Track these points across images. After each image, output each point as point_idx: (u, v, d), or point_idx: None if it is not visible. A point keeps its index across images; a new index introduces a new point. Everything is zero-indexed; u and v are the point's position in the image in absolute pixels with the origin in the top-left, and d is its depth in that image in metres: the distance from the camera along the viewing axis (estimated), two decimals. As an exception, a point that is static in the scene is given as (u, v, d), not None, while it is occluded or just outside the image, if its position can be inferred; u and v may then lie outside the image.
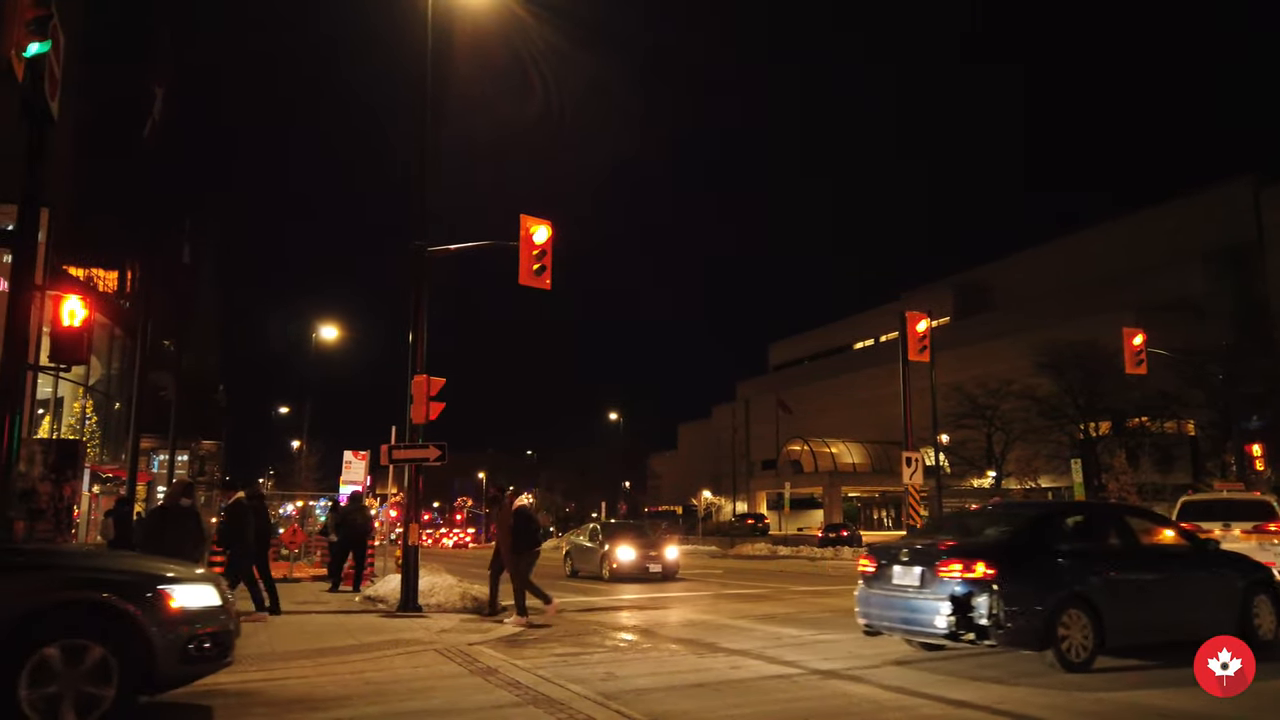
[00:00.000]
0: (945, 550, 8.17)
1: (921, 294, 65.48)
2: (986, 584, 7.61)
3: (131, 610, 5.71)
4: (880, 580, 8.67)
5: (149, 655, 5.73)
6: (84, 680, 5.45)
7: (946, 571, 7.86)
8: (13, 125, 10.37)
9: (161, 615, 5.85)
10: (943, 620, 7.74)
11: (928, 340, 21.98)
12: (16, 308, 8.96)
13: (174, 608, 5.94)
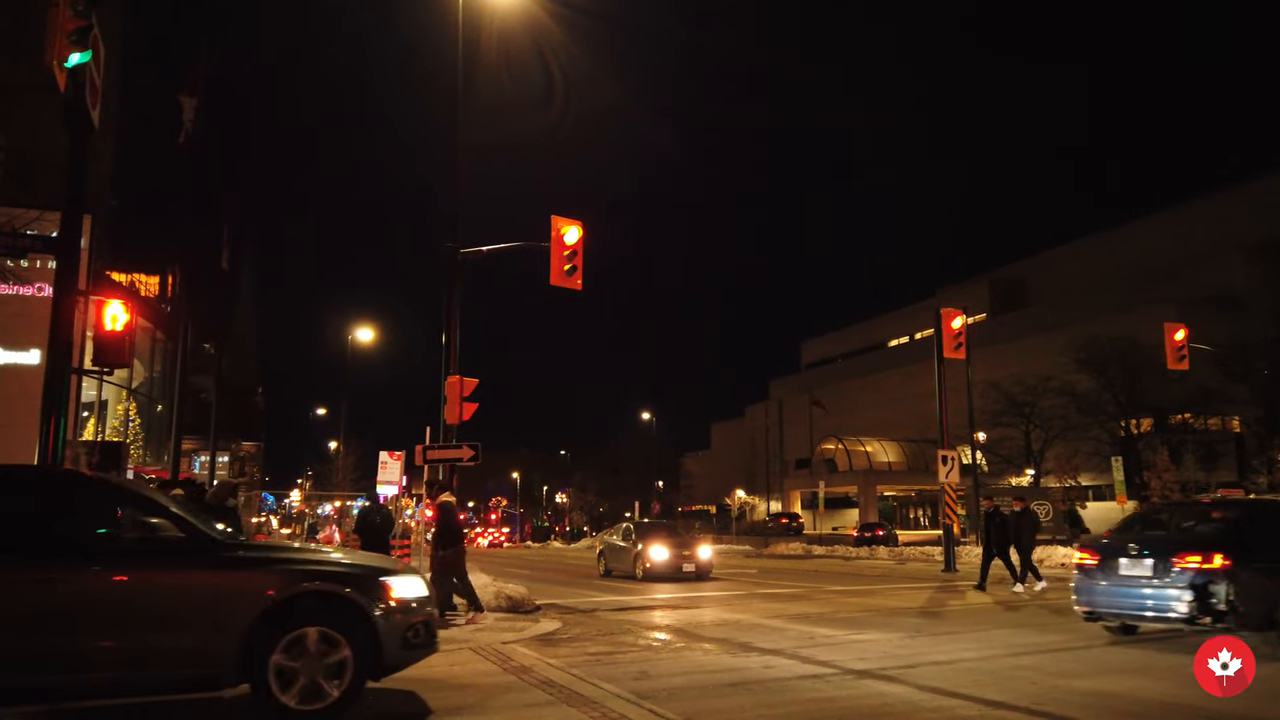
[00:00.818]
0: (1180, 543, 9.20)
1: (957, 291, 64.74)
2: (1223, 574, 8.63)
3: (361, 600, 6.25)
4: (1104, 572, 9.76)
5: (377, 642, 6.23)
6: (323, 663, 6.02)
7: (1183, 563, 8.86)
8: (55, 134, 10.63)
9: (385, 605, 6.35)
10: (1183, 606, 8.74)
11: (963, 337, 21.75)
12: (60, 312, 9.17)
13: (394, 598, 6.43)
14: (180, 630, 5.84)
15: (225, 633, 5.85)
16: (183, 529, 6.21)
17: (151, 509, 6.37)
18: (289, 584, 6.11)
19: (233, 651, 5.84)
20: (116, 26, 22.74)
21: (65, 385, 9.18)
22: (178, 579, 5.97)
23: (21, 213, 11.85)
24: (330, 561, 6.63)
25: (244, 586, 6.03)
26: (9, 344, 19.50)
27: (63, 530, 6.16)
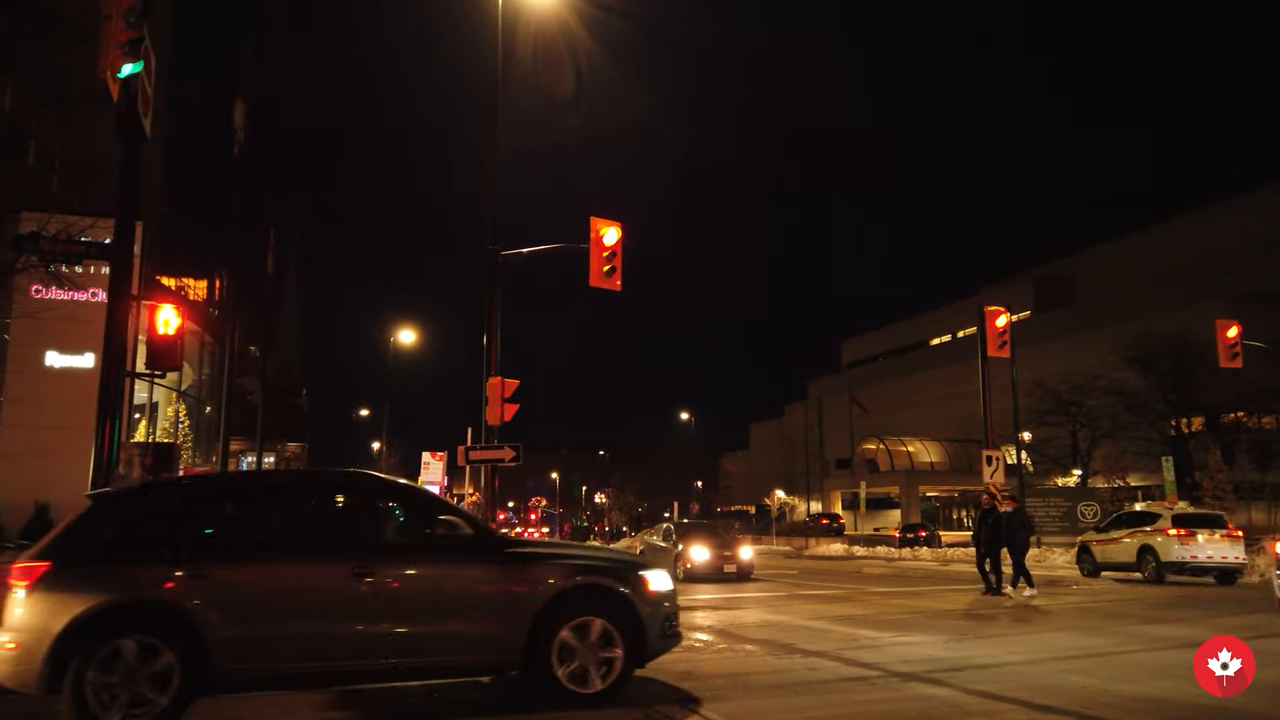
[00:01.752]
0: None
1: (1000, 288, 63.80)
2: None
3: (628, 593, 6.74)
4: None
5: (642, 632, 6.70)
6: (597, 651, 6.53)
7: None
8: (108, 143, 10.90)
9: (645, 597, 6.81)
10: None
11: (1008, 335, 21.45)
12: (114, 317, 9.39)
13: (650, 590, 6.88)
14: (478, 619, 6.43)
15: (513, 622, 6.39)
16: (473, 528, 6.90)
17: (446, 510, 7.19)
18: (566, 577, 6.64)
19: (520, 639, 6.37)
20: (163, 36, 23.26)
21: (120, 388, 9.40)
22: (476, 573, 6.56)
23: (77, 220, 12.21)
24: (597, 557, 7.30)
25: (530, 580, 6.58)
26: (65, 348, 20.06)
27: (381, 528, 6.89)
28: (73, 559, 5.96)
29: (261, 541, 6.50)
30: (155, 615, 5.84)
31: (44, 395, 19.86)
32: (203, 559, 6.10)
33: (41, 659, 5.60)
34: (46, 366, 20.13)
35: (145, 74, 9.01)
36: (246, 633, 5.92)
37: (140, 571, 6.00)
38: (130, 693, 5.61)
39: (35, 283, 15.70)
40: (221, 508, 6.75)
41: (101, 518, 6.30)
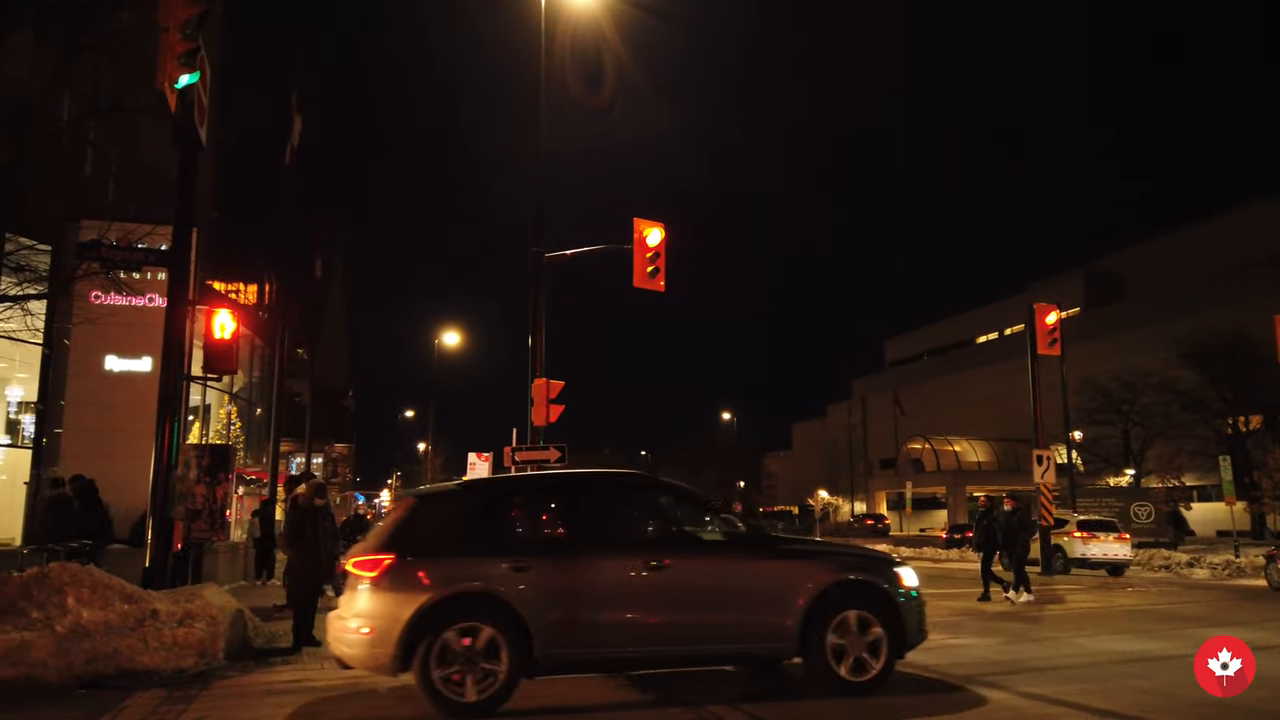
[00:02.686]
0: None
1: (1049, 284, 62.62)
2: None
3: (888, 588, 7.12)
4: None
5: (902, 624, 7.03)
6: (863, 641, 6.88)
7: None
8: (163, 152, 11.18)
9: (902, 591, 7.17)
10: None
11: (1058, 333, 21.09)
12: (172, 322, 9.64)
13: (906, 585, 7.24)
14: (758, 609, 6.87)
15: (789, 612, 6.81)
16: (746, 525, 7.52)
17: (719, 509, 7.84)
18: (835, 572, 7.06)
19: (794, 628, 6.79)
20: (215, 44, 23.75)
21: (179, 391, 9.64)
22: (756, 566, 7.03)
23: (135, 227, 12.52)
24: (861, 553, 7.85)
25: (803, 573, 7.00)
26: (123, 352, 20.58)
27: (668, 524, 7.44)
28: (411, 552, 6.50)
29: (567, 535, 7.11)
30: (489, 604, 6.39)
31: (104, 399, 20.40)
32: (522, 552, 6.72)
33: (394, 643, 6.20)
34: (106, 370, 20.67)
35: (201, 84, 9.23)
36: (562, 620, 6.46)
37: (472, 564, 6.56)
38: (472, 674, 6.23)
39: (95, 289, 16.13)
40: (530, 504, 7.47)
41: (427, 514, 6.93)
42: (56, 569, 8.54)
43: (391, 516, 7.20)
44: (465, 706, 6.19)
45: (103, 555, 12.17)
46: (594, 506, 7.29)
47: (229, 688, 7.56)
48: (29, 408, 22.24)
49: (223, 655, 8.35)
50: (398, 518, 6.94)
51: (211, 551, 15.18)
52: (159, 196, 12.26)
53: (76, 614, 7.99)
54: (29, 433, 21.93)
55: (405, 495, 7.28)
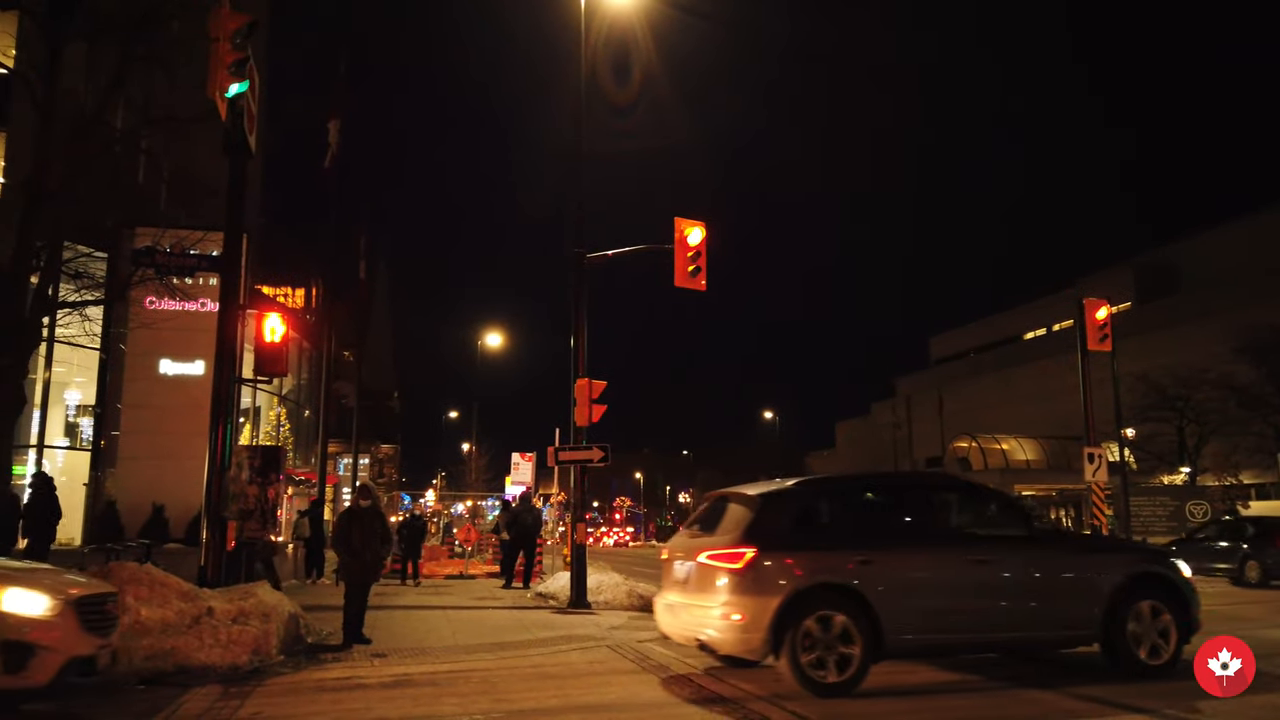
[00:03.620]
0: None
1: (1098, 278, 61.26)
2: None
3: (1174, 578, 7.74)
4: None
5: (1188, 612, 7.62)
6: (1155, 628, 7.47)
7: None
8: (213, 159, 11.43)
9: (1185, 582, 7.77)
10: None
11: (1109, 328, 20.63)
12: (225, 326, 9.85)
13: (1186, 576, 7.81)
14: (1065, 600, 7.50)
15: (1096, 601, 7.41)
16: (1047, 524, 8.64)
17: (1022, 507, 8.80)
18: (1132, 564, 7.73)
19: (1099, 616, 7.38)
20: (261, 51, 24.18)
21: (231, 394, 9.85)
22: (1064, 561, 7.69)
23: (187, 234, 12.84)
24: (1142, 548, 8.98)
25: (1104, 566, 7.66)
26: (177, 356, 21.07)
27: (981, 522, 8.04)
28: (770, 545, 7.12)
29: (901, 531, 7.73)
30: (842, 594, 6.99)
31: (158, 402, 20.91)
32: (865, 546, 7.25)
33: (766, 629, 6.83)
34: (161, 374, 21.19)
35: (250, 93, 9.42)
36: (904, 609, 7.04)
37: (824, 557, 7.17)
38: (831, 657, 6.81)
39: (150, 294, 16.54)
40: (861, 502, 8.20)
41: (774, 512, 7.46)
42: (116, 568, 8.77)
43: (737, 514, 7.65)
44: (829, 687, 6.77)
45: (159, 554, 12.48)
46: (920, 505, 8.13)
47: (283, 684, 7.71)
48: (87, 411, 22.86)
49: (276, 652, 8.52)
50: (753, 515, 7.42)
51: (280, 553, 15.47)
52: (210, 203, 12.54)
53: (135, 612, 8.20)
54: (87, 435, 22.53)
55: (741, 494, 7.84)
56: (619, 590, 14.36)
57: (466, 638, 10.37)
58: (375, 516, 10.80)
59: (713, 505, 8.43)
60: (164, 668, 7.75)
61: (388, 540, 10.75)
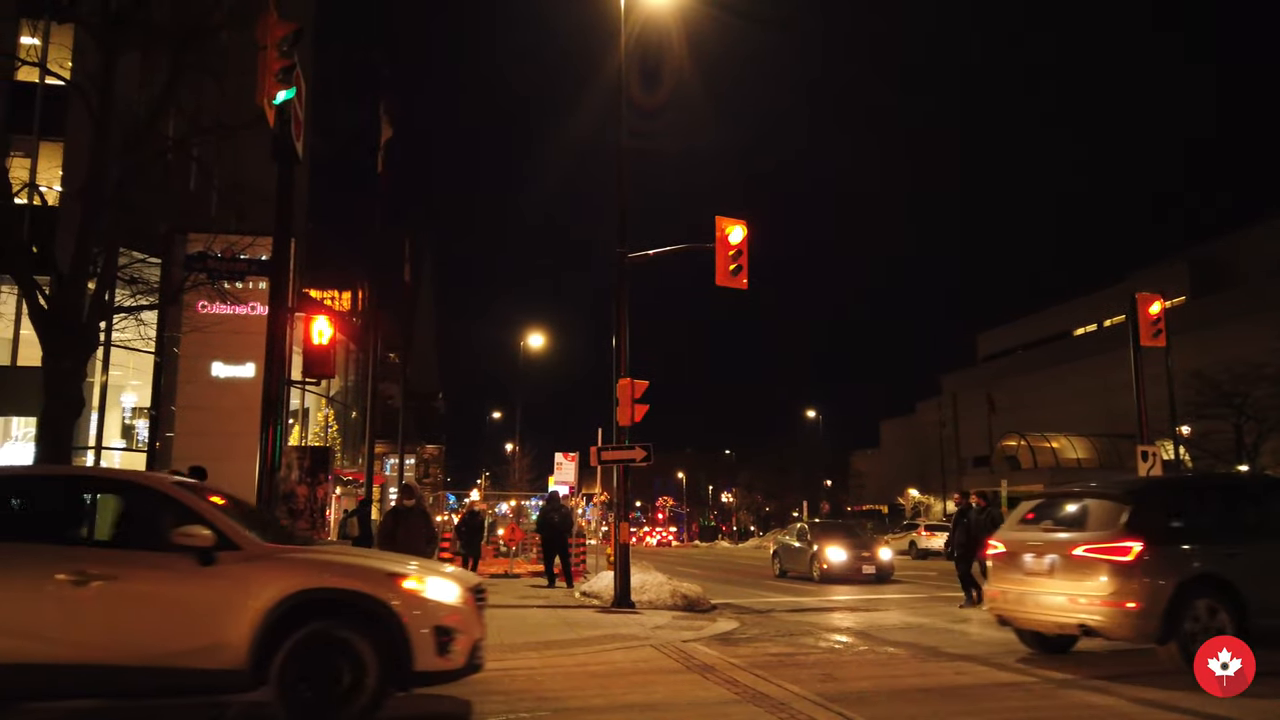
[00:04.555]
0: None
1: (1151, 273, 59.81)
2: None
3: None
4: None
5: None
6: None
7: None
8: (261, 166, 11.64)
9: None
10: None
11: (1162, 323, 20.11)
12: (274, 329, 10.00)
13: None
14: None
15: None
16: None
17: None
18: None
19: None
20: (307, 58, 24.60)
21: (281, 395, 10.01)
22: None
23: (237, 239, 13.11)
24: None
25: None
26: (228, 359, 21.54)
27: None
28: (1153, 539, 7.76)
29: (1252, 526, 8.36)
30: (1219, 584, 7.69)
31: (211, 403, 21.40)
32: (1228, 540, 8.00)
33: (1159, 616, 7.49)
34: (213, 376, 21.69)
35: (297, 99, 9.57)
36: (1264, 597, 7.67)
37: (1201, 550, 7.87)
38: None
39: (202, 299, 16.93)
40: (1211, 499, 8.91)
41: (1152, 508, 8.17)
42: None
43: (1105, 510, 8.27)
44: None
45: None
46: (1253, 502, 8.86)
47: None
48: (142, 413, 23.46)
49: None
50: (1124, 511, 8.02)
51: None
52: (258, 209, 12.78)
53: (190, 609, 8.37)
54: (143, 437, 23.12)
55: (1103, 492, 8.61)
56: (663, 590, 14.35)
57: (511, 636, 10.43)
58: (420, 515, 10.92)
59: (1052, 502, 9.27)
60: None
61: (433, 539, 10.87)
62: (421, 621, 5.86)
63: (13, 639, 5.52)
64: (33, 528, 6.19)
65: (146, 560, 5.85)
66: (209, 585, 5.70)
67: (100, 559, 5.83)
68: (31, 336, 14.31)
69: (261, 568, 5.81)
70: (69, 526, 6.34)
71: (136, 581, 5.74)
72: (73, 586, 5.58)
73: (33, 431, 16.17)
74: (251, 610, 5.62)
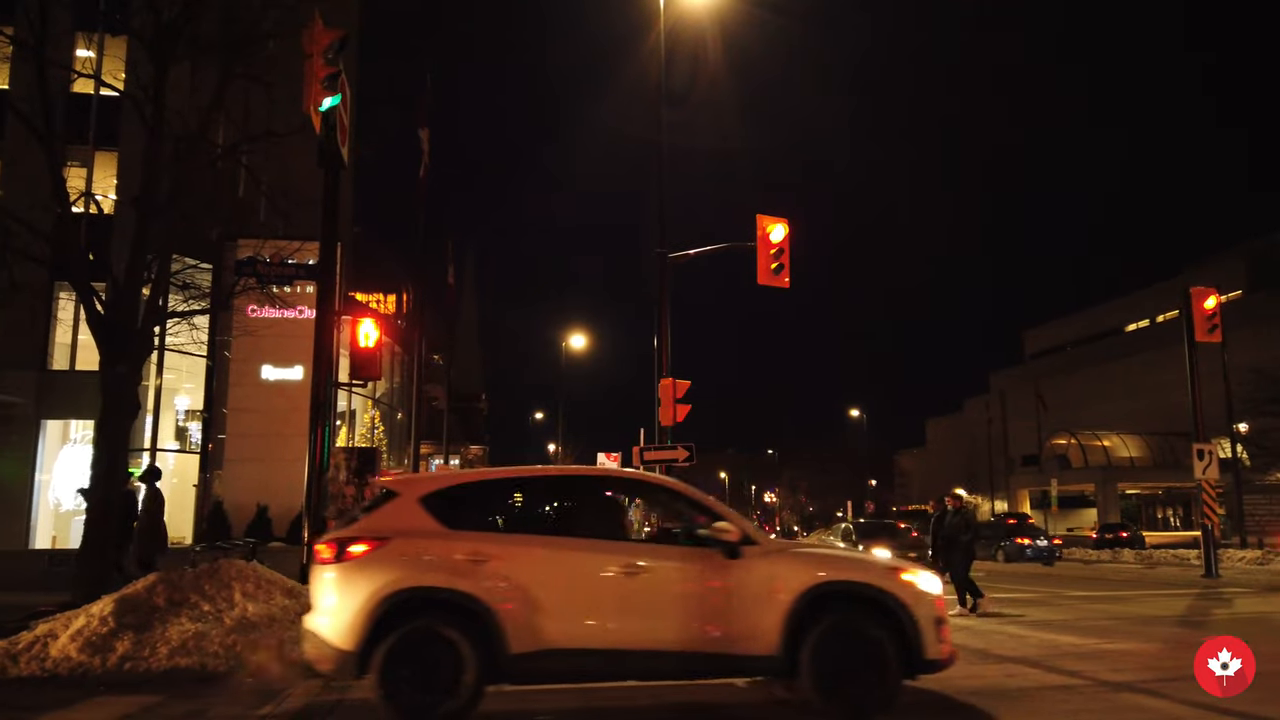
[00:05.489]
0: None
1: (1206, 267, 58.30)
2: None
3: None
4: None
5: None
6: None
7: None
8: (307, 172, 11.86)
9: None
10: None
11: (1218, 318, 19.66)
12: (322, 332, 10.19)
13: None
14: None
15: None
16: None
17: None
18: None
19: None
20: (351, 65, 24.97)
21: (329, 397, 10.18)
22: None
23: (285, 244, 13.35)
24: None
25: None
26: (277, 362, 21.96)
27: None
28: None
29: None
30: None
31: (260, 406, 21.84)
32: None
33: None
34: (263, 379, 22.13)
35: (342, 106, 9.74)
36: None
37: None
38: None
39: (251, 303, 17.27)
40: None
41: None
42: (225, 565, 9.17)
43: None
44: None
45: (263, 553, 12.99)
46: None
47: (380, 679, 7.91)
48: (195, 415, 23.99)
49: (374, 648, 8.74)
50: None
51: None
52: (305, 214, 13.02)
53: (243, 607, 8.56)
54: (195, 439, 23.65)
55: None
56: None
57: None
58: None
59: None
60: (271, 661, 8.05)
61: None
62: (925, 612, 6.18)
63: (580, 627, 6.00)
64: (580, 524, 6.62)
65: (680, 554, 6.29)
66: (742, 577, 6.12)
67: (642, 553, 6.28)
68: (89, 341, 14.75)
69: (779, 561, 6.27)
70: (608, 523, 6.85)
71: (677, 573, 6.17)
72: (626, 578, 6.05)
73: (91, 434, 16.68)
74: (780, 601, 6.02)
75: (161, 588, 8.63)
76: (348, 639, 5.85)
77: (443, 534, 6.12)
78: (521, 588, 5.92)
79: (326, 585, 6.04)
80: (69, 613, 8.63)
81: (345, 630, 5.86)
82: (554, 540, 6.33)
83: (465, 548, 6.02)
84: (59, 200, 11.65)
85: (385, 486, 6.70)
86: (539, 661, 5.87)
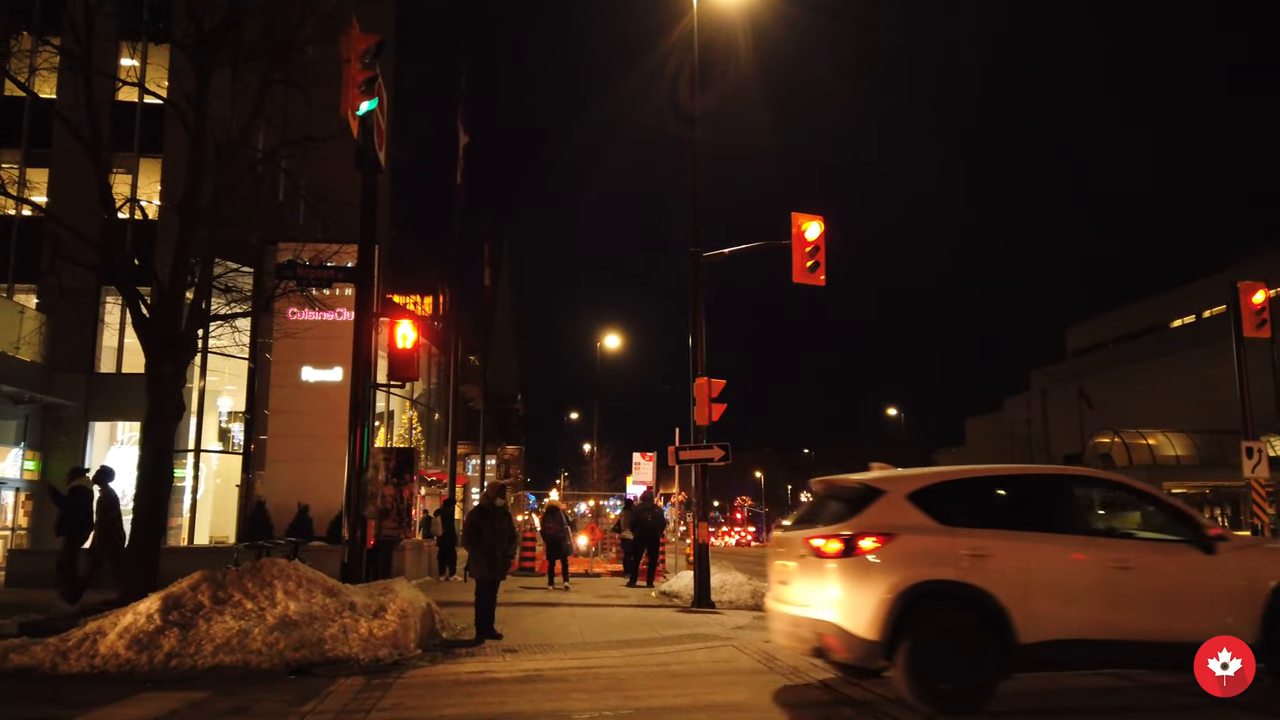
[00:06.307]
0: None
1: (1254, 260, 56.94)
2: None
3: None
4: None
5: None
6: None
7: None
8: (345, 175, 11.99)
9: None
10: None
11: (1267, 312, 19.18)
12: (360, 334, 10.31)
13: None
14: None
15: None
16: None
17: None
18: None
19: None
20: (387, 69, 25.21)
21: (368, 398, 10.30)
22: None
23: (324, 248, 13.51)
24: None
25: None
26: (317, 364, 22.21)
27: None
28: None
29: None
30: None
31: (301, 407, 22.11)
32: None
33: None
34: (303, 381, 22.38)
35: (379, 110, 9.84)
36: None
37: None
38: None
39: (291, 306, 17.49)
40: None
41: None
42: (267, 563, 9.31)
43: None
44: None
45: (304, 551, 13.16)
46: None
47: (420, 677, 8.00)
48: (237, 417, 24.37)
49: (414, 646, 8.85)
50: None
51: (399, 549, 16.14)
52: (344, 218, 13.17)
53: (285, 605, 8.68)
54: (238, 440, 24.02)
55: None
56: (743, 590, 14.27)
57: (593, 635, 10.52)
58: (505, 515, 11.08)
59: None
60: (311, 659, 8.16)
61: (514, 539, 11.01)
62: None
63: (1077, 619, 6.26)
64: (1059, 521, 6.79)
65: (1160, 549, 6.64)
66: (1220, 571, 6.48)
67: (1127, 549, 6.58)
68: (135, 344, 15.05)
69: (1252, 555, 6.77)
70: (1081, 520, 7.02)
71: (1163, 568, 6.53)
72: (1118, 573, 6.38)
73: (137, 435, 17.02)
74: (1259, 592, 6.38)
75: (206, 586, 8.78)
76: (871, 629, 6.12)
77: (940, 530, 6.40)
78: (1025, 582, 6.24)
79: (833, 577, 6.31)
80: (117, 610, 8.81)
81: (867, 621, 6.13)
82: (1047, 537, 6.52)
83: (967, 543, 6.30)
84: (105, 207, 11.89)
85: (866, 484, 6.86)
86: (1044, 651, 6.16)
